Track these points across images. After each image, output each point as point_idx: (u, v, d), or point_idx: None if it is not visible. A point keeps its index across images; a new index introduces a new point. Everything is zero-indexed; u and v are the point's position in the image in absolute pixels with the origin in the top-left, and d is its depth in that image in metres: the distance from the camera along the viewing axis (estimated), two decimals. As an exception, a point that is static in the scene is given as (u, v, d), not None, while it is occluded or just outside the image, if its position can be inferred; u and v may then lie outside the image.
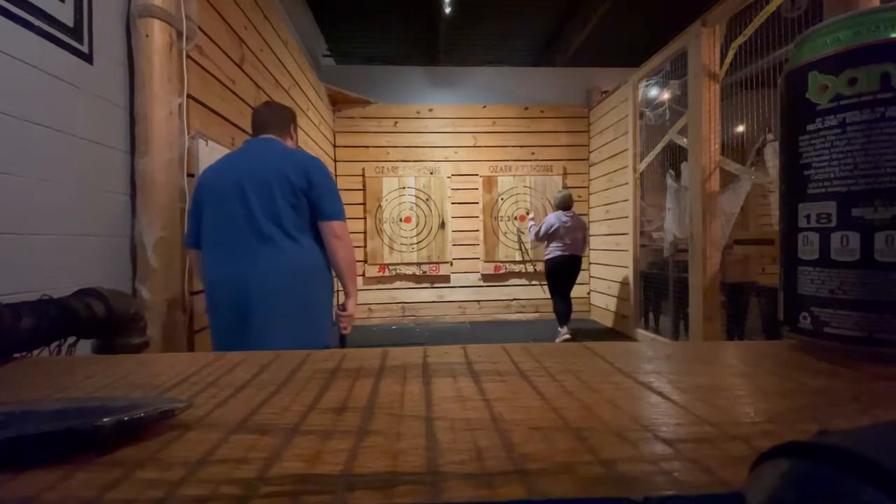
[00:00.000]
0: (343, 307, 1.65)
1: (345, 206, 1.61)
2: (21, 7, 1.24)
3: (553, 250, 4.10)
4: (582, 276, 5.64)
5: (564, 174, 5.56)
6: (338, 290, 1.78)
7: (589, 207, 5.57)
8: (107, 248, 1.58)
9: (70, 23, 1.41)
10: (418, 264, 5.41)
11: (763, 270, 3.86)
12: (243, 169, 1.49)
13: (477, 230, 5.51)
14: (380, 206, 5.32)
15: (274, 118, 1.64)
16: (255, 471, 0.18)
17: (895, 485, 0.10)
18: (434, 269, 5.44)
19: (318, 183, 1.51)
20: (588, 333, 4.84)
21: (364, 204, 5.34)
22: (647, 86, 4.33)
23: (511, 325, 5.28)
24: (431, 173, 5.46)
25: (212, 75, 2.12)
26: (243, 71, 2.50)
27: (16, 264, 1.22)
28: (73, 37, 1.43)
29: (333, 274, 1.62)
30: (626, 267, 4.61)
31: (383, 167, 5.43)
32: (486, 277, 5.55)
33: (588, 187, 5.58)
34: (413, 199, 5.41)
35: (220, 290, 1.48)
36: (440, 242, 5.43)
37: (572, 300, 4.27)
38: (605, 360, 0.35)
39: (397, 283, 5.43)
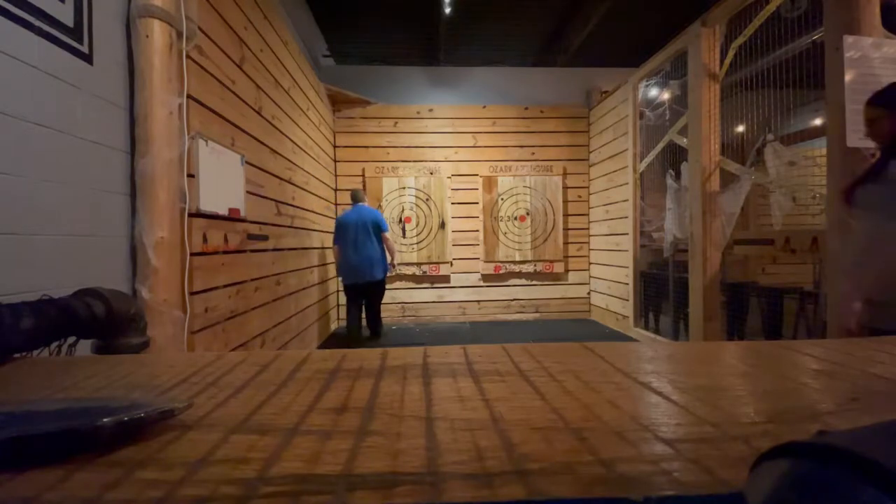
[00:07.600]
0: (392, 263, 4.23)
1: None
2: (21, 7, 1.23)
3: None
4: (582, 276, 5.67)
5: (564, 174, 5.56)
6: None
7: (589, 207, 5.57)
8: (107, 248, 1.58)
9: (70, 23, 1.41)
10: (418, 264, 5.41)
11: (763, 270, 3.86)
12: (359, 219, 3.98)
13: (477, 230, 5.51)
14: (380, 206, 5.32)
15: (361, 196, 4.15)
16: (255, 471, 0.18)
17: (895, 485, 0.10)
18: (434, 269, 5.44)
19: (382, 221, 4.05)
20: (588, 333, 4.84)
21: (364, 204, 5.35)
22: (647, 86, 4.33)
23: (511, 325, 5.27)
24: (431, 173, 5.46)
25: (212, 75, 2.12)
26: (243, 71, 2.51)
27: (16, 264, 1.22)
28: (73, 37, 1.43)
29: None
30: (626, 267, 4.61)
31: (383, 167, 5.43)
32: (486, 277, 5.55)
33: (588, 187, 5.58)
34: (413, 200, 5.41)
35: (356, 264, 3.96)
36: (440, 242, 5.43)
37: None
38: (605, 360, 0.35)
39: (397, 284, 5.43)
